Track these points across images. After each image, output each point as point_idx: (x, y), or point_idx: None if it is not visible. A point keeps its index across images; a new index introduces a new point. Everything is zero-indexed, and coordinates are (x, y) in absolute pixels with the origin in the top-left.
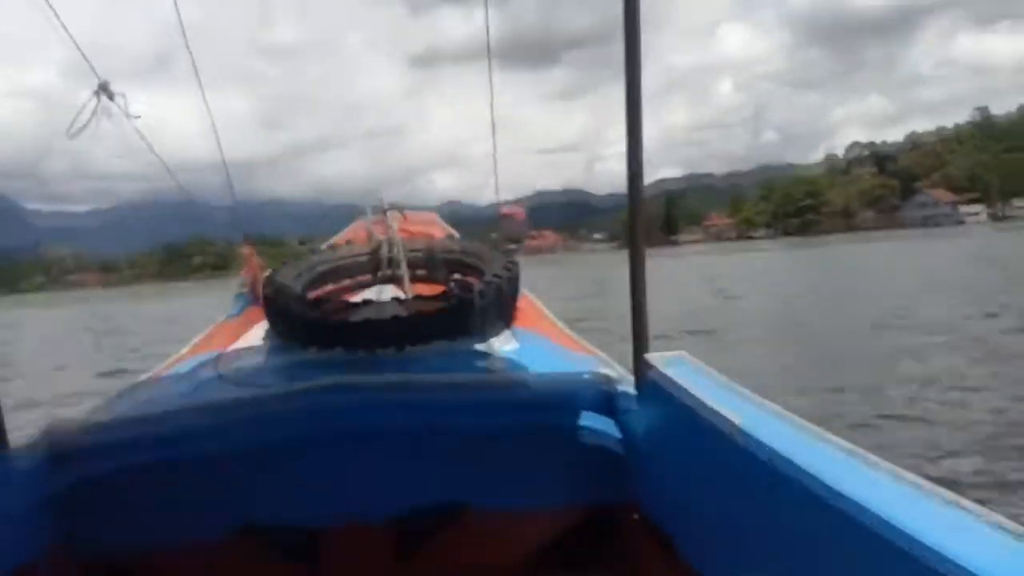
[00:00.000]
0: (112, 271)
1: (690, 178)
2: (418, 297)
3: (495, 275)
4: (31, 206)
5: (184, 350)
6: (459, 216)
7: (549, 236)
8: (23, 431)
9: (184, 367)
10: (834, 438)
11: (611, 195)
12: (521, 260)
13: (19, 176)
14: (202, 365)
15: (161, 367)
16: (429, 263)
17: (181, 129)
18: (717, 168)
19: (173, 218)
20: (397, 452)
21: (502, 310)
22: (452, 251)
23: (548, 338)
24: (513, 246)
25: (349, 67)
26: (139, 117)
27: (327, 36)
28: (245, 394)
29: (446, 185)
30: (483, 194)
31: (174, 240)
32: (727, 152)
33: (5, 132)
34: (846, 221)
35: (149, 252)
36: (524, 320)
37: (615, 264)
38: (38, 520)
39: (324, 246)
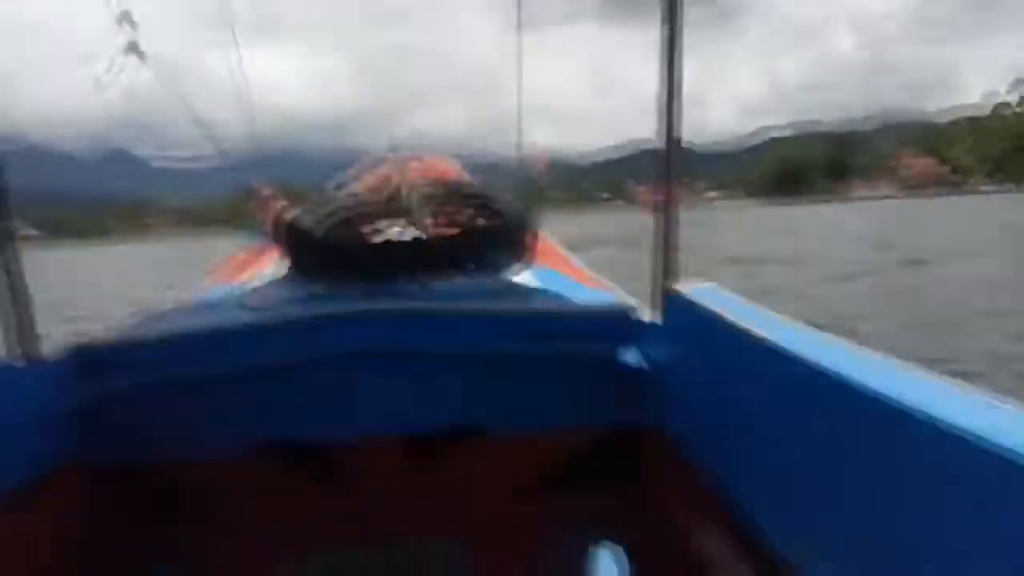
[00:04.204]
0: (187, 216)
1: (796, 126)
2: (435, 233)
3: (512, 212)
4: (141, 152)
5: (202, 281)
6: (557, 163)
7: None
8: None
9: (203, 295)
10: (871, 351)
11: (715, 143)
12: (637, 215)
13: (134, 125)
14: (221, 293)
15: (180, 296)
16: (445, 202)
17: (285, 85)
18: (829, 116)
19: (264, 165)
20: (416, 374)
21: (518, 246)
22: (468, 192)
23: (566, 274)
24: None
25: (451, 28)
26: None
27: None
28: (264, 318)
29: (542, 137)
30: (577, 147)
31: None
32: (839, 100)
33: (124, 88)
34: None
35: (221, 198)
36: (543, 258)
37: (753, 216)
38: (61, 429)
39: (336, 185)
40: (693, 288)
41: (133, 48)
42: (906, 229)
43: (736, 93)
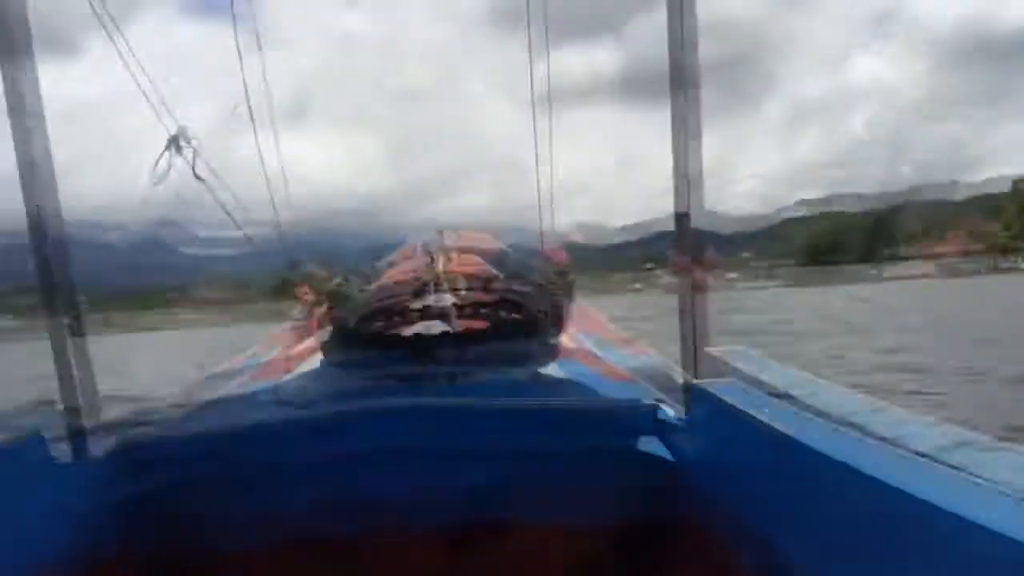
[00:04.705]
0: (231, 301)
1: (824, 203)
2: (466, 331)
3: (539, 310)
4: (185, 250)
5: (248, 353)
6: (576, 248)
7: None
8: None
9: (244, 390)
10: (921, 421)
11: (739, 220)
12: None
13: (171, 223)
14: (262, 388)
15: (228, 365)
16: (476, 296)
17: (319, 172)
18: (848, 206)
19: (300, 251)
20: (446, 471)
21: (547, 339)
22: (499, 287)
23: (590, 367)
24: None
25: (473, 109)
26: (202, 180)
27: (451, 80)
28: (301, 414)
29: (566, 220)
30: (605, 224)
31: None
32: (858, 190)
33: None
34: None
35: (258, 287)
36: (579, 329)
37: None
38: (105, 523)
39: (381, 267)
40: (719, 382)
41: (174, 143)
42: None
43: (756, 175)
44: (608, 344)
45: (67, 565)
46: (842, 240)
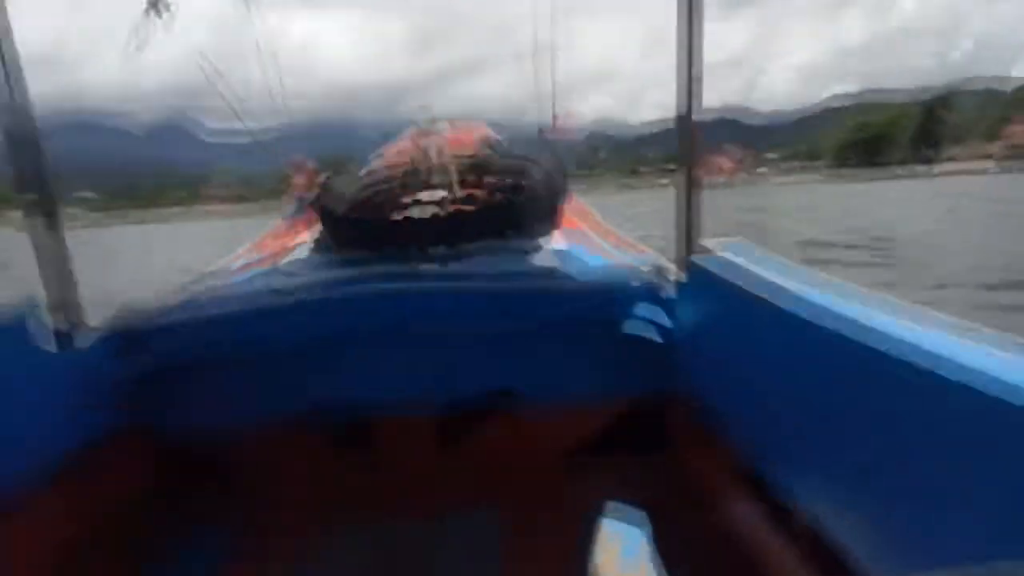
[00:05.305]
0: (245, 188)
1: (864, 95)
2: (466, 198)
3: (539, 181)
4: (207, 124)
5: (241, 250)
6: (609, 134)
7: (731, 154)
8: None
9: (243, 264)
10: (905, 305)
11: (776, 112)
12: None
13: (196, 95)
14: (260, 262)
15: (220, 263)
16: (475, 168)
17: (336, 52)
18: (898, 84)
19: (327, 137)
20: (445, 346)
21: (548, 211)
22: (499, 156)
23: (595, 237)
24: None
25: None
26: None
27: None
28: (301, 290)
29: (596, 104)
30: (633, 113)
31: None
32: (910, 66)
33: (184, 56)
34: None
35: (274, 170)
36: (573, 222)
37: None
38: (107, 400)
39: (373, 156)
40: (714, 255)
41: (153, 5)
42: None
43: (796, 58)
44: (597, 244)
45: (67, 440)
46: (897, 127)
